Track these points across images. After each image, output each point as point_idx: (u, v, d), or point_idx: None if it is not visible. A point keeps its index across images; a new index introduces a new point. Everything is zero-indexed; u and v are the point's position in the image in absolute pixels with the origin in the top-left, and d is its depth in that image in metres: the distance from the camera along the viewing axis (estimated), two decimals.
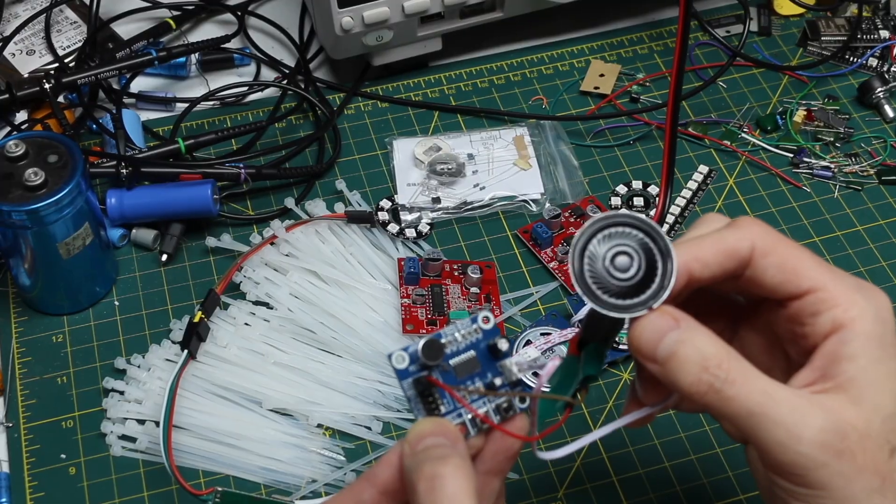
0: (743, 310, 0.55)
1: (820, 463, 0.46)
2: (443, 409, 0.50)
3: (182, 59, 0.92)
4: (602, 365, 0.52)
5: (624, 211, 0.49)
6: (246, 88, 0.92)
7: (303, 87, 0.92)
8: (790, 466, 0.47)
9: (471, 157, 0.86)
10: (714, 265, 0.50)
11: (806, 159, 0.87)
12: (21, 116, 0.87)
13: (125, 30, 0.96)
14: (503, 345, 0.51)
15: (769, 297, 0.51)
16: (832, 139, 0.88)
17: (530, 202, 0.84)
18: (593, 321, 0.51)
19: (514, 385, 0.51)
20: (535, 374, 0.52)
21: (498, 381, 0.51)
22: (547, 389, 0.53)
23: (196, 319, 0.73)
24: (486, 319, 0.51)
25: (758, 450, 0.48)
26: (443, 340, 0.50)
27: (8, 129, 0.86)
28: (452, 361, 0.50)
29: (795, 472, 0.47)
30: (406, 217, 0.82)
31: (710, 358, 0.47)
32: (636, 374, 0.53)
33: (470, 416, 0.50)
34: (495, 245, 0.82)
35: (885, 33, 0.94)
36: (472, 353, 0.51)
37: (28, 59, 0.94)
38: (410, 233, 0.81)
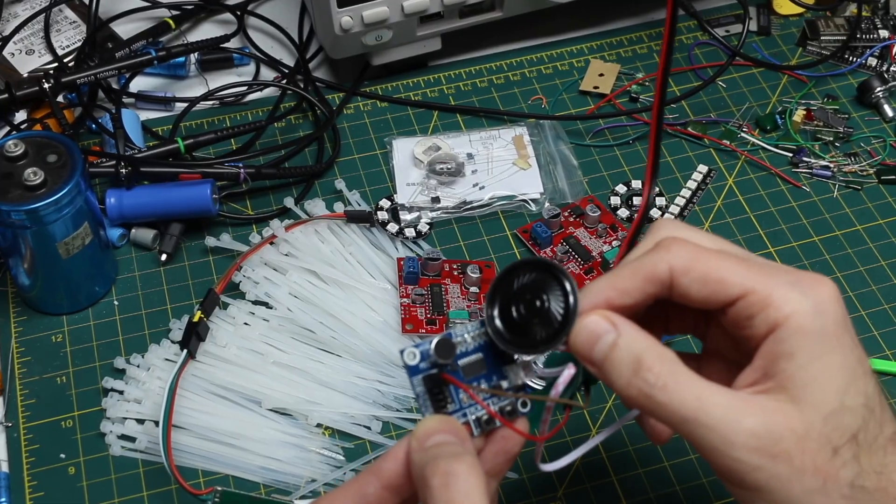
0: (709, 319, 0.55)
1: (754, 466, 0.46)
2: (450, 407, 0.50)
3: (181, 59, 0.92)
4: None
5: (523, 261, 0.50)
6: (245, 88, 0.92)
7: (302, 86, 0.92)
8: (727, 471, 0.47)
9: (470, 156, 0.86)
10: (634, 292, 0.50)
11: (805, 159, 0.87)
12: (20, 116, 0.87)
13: (124, 29, 0.96)
14: None
15: (706, 309, 0.51)
16: (831, 139, 0.88)
17: (530, 202, 0.84)
18: None
19: (518, 389, 0.51)
20: (541, 379, 0.53)
21: (504, 384, 0.51)
22: (538, 387, 0.53)
23: (195, 319, 0.73)
24: None
25: (699, 453, 0.48)
26: (454, 340, 0.50)
27: (7, 128, 0.86)
28: (461, 362, 0.51)
29: (733, 476, 0.47)
30: (405, 217, 0.82)
31: (643, 362, 0.47)
32: None
33: (474, 417, 0.51)
34: (495, 245, 0.82)
35: (884, 33, 0.94)
36: (479, 355, 0.51)
37: (27, 58, 0.94)
38: (410, 232, 0.81)
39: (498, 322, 0.50)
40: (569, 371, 0.50)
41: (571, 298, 0.49)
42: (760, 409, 0.47)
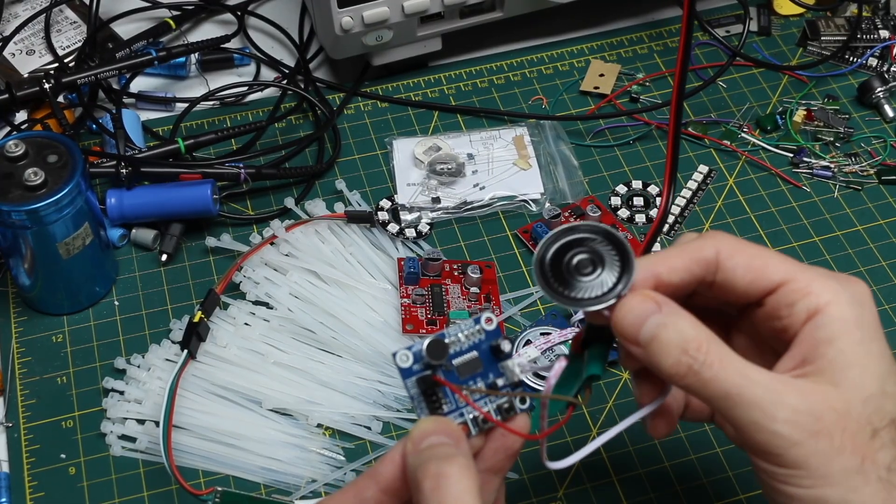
0: (734, 320, 0.56)
1: (794, 442, 0.47)
2: (445, 408, 0.50)
3: (182, 59, 0.92)
4: (605, 364, 0.53)
5: (582, 222, 0.51)
6: (246, 88, 0.92)
7: (302, 87, 0.92)
8: (766, 446, 0.48)
9: (470, 156, 0.86)
10: (681, 269, 0.51)
11: (806, 159, 0.87)
12: (21, 116, 0.87)
13: (125, 30, 0.96)
14: (506, 346, 0.51)
15: (745, 300, 0.52)
16: (832, 139, 0.88)
17: (530, 202, 0.84)
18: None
19: (515, 386, 0.51)
20: (537, 375, 0.53)
21: (500, 382, 0.51)
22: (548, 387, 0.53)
23: (196, 319, 0.73)
24: (489, 320, 0.52)
25: (736, 431, 0.49)
26: (446, 340, 0.50)
27: (8, 129, 0.86)
28: (455, 361, 0.51)
29: (771, 452, 0.48)
30: (406, 217, 0.82)
31: (691, 341, 0.48)
32: (630, 374, 0.54)
33: (472, 416, 0.50)
34: (495, 245, 0.82)
35: (884, 33, 0.94)
36: (474, 353, 0.51)
37: (28, 58, 0.94)
38: (410, 233, 0.81)
39: (549, 253, 0.50)
40: (559, 364, 0.50)
41: (624, 281, 0.49)
42: (801, 388, 0.48)
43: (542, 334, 0.75)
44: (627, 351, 0.50)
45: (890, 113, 0.89)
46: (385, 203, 0.83)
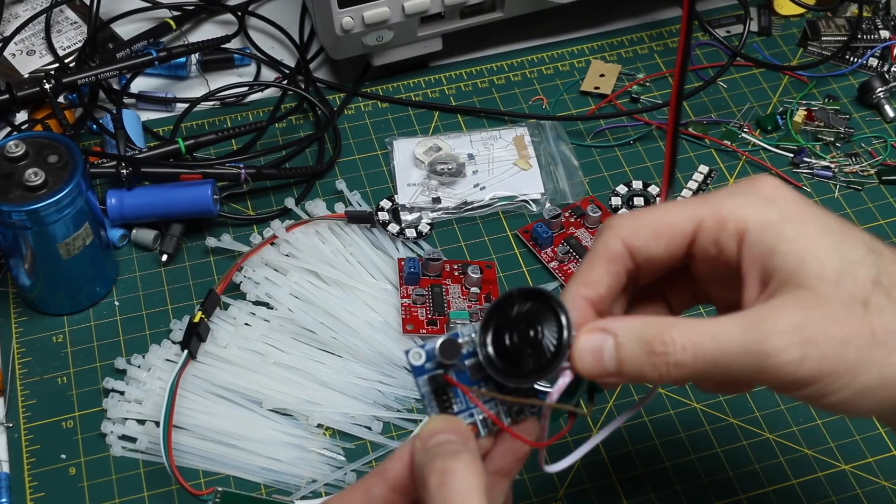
0: (666, 288, 0.55)
1: (798, 360, 0.45)
2: (455, 407, 0.50)
3: (182, 60, 0.92)
4: None
5: (491, 302, 0.50)
6: (246, 88, 0.92)
7: (303, 87, 0.92)
8: (781, 381, 0.46)
9: (471, 157, 0.86)
10: (603, 278, 0.50)
11: (806, 159, 0.87)
12: (21, 117, 0.87)
13: (125, 30, 0.96)
14: None
15: (679, 262, 0.51)
16: (832, 139, 0.88)
17: (530, 202, 0.84)
18: None
19: (525, 391, 0.51)
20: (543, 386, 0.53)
21: (510, 385, 0.51)
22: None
23: (196, 319, 0.73)
24: None
25: (747, 386, 0.48)
26: (460, 340, 0.50)
27: (8, 129, 0.86)
28: (468, 362, 0.51)
29: (790, 381, 0.46)
30: (406, 217, 0.82)
31: (652, 340, 0.47)
32: None
33: (482, 417, 0.50)
34: (495, 245, 0.82)
35: (885, 33, 0.94)
36: None
37: (28, 59, 0.95)
38: (410, 233, 0.81)
39: (490, 349, 0.49)
40: (563, 380, 0.50)
41: (566, 333, 0.49)
42: (774, 310, 0.46)
43: None
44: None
45: (890, 113, 0.89)
46: (385, 203, 0.83)
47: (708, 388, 0.51)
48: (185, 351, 0.72)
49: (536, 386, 0.52)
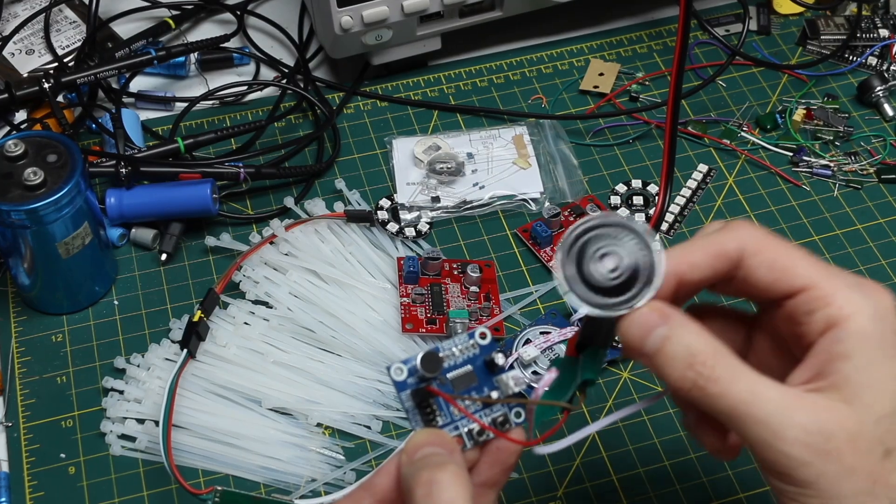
0: (756, 318, 0.55)
1: (803, 462, 0.46)
2: (440, 420, 0.50)
3: (181, 59, 0.92)
4: (600, 369, 0.53)
5: (614, 214, 0.49)
6: (245, 88, 0.92)
7: (302, 86, 0.92)
8: (775, 465, 0.47)
9: (470, 156, 0.86)
10: (704, 266, 0.50)
11: (805, 158, 0.87)
12: (20, 116, 0.87)
13: (124, 29, 0.96)
14: (500, 360, 0.51)
15: (765, 299, 0.51)
16: (832, 138, 0.88)
17: (530, 201, 0.84)
18: (592, 323, 0.51)
19: (510, 395, 0.51)
20: (531, 388, 0.53)
21: (494, 395, 0.51)
22: (543, 392, 0.53)
23: (195, 319, 0.73)
24: (484, 335, 0.52)
25: (746, 447, 0.48)
26: (441, 354, 0.50)
27: (7, 128, 0.86)
28: (450, 375, 0.51)
29: (780, 470, 0.47)
30: (405, 216, 0.82)
31: (697, 354, 0.47)
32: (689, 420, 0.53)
33: (466, 429, 0.51)
34: (495, 244, 0.82)
35: (884, 32, 0.94)
36: (469, 367, 0.51)
37: (27, 58, 0.94)
38: (410, 232, 0.81)
39: (572, 270, 0.48)
40: (549, 376, 0.50)
41: (657, 263, 0.47)
42: (813, 406, 0.46)
43: (541, 333, 0.75)
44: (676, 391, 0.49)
45: (889, 112, 0.89)
46: (385, 202, 0.83)
47: (700, 427, 0.52)
48: (185, 350, 0.72)
49: (521, 393, 0.51)
